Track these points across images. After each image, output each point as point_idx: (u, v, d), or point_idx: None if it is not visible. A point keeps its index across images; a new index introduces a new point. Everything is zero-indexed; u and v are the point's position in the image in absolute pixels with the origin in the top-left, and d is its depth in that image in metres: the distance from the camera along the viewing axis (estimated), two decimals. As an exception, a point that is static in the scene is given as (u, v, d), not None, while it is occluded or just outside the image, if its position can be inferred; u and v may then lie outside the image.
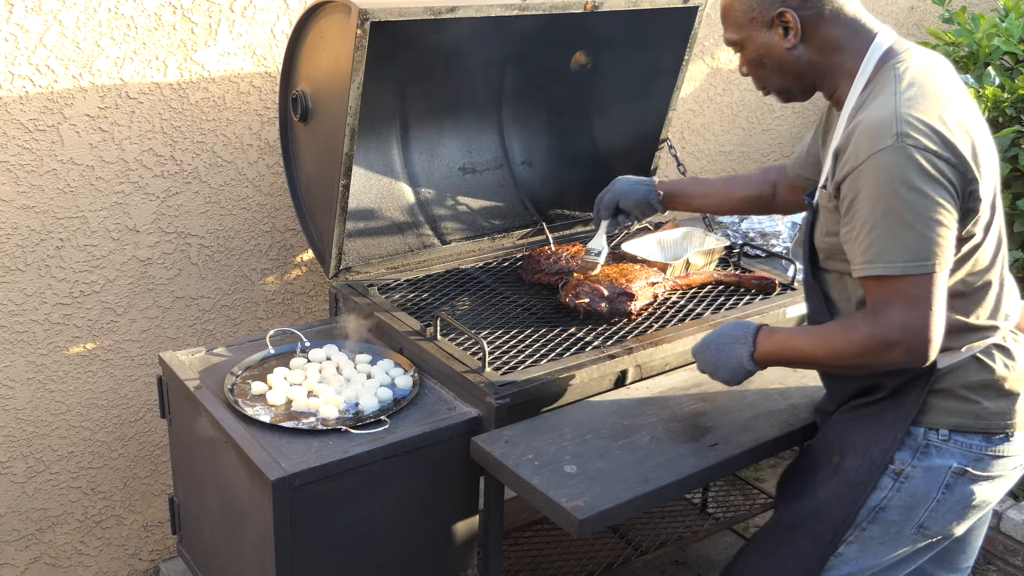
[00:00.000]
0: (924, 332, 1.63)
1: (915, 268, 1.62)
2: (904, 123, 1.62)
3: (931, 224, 1.61)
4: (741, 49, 1.86)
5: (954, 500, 1.81)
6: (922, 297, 1.62)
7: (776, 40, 1.80)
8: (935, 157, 1.61)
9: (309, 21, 2.29)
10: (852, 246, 1.69)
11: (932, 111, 1.65)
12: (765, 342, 1.87)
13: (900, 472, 1.80)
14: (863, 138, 1.65)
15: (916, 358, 1.66)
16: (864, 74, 1.76)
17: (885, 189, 1.61)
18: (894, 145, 1.61)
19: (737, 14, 1.82)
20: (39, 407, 2.51)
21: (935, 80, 1.72)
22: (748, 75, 1.90)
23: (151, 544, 2.84)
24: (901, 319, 1.64)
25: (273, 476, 1.76)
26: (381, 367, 2.18)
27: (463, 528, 2.08)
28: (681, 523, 2.81)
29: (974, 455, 1.79)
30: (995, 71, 3.42)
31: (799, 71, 1.82)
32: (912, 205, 1.60)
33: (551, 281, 2.55)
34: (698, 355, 2.00)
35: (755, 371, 1.90)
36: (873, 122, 1.65)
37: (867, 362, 1.71)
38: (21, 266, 2.37)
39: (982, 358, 1.78)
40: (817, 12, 1.76)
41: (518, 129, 3.04)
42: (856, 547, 1.86)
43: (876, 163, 1.62)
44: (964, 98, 1.75)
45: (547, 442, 1.92)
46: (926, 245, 1.61)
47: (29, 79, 2.25)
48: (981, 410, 1.78)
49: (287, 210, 2.73)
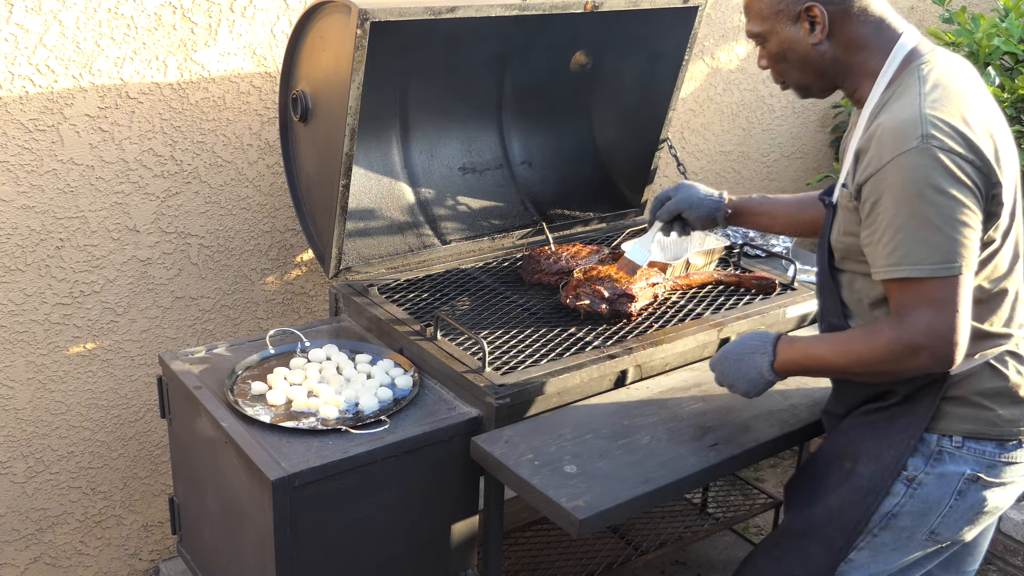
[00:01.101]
0: (950, 335, 1.61)
1: (942, 270, 1.60)
2: (929, 124, 1.60)
3: (957, 226, 1.59)
4: (764, 42, 1.83)
5: (966, 506, 1.80)
6: (948, 300, 1.60)
7: (802, 35, 1.77)
8: (960, 159, 1.59)
9: (309, 21, 2.30)
10: (874, 248, 1.66)
11: (956, 113, 1.63)
12: (785, 351, 1.85)
13: (913, 479, 1.79)
14: (886, 140, 1.63)
15: (942, 362, 1.64)
16: (887, 74, 1.74)
17: (910, 191, 1.60)
18: (919, 147, 1.59)
19: (763, 6, 1.79)
20: (39, 407, 2.52)
21: (958, 83, 1.70)
22: (768, 68, 1.87)
23: (151, 544, 2.84)
24: (927, 323, 1.61)
25: (273, 476, 1.76)
26: (381, 367, 2.18)
27: (463, 528, 2.08)
28: (681, 523, 2.81)
29: (987, 462, 1.78)
30: (995, 71, 3.42)
31: (822, 68, 1.80)
32: (938, 207, 1.59)
33: (551, 281, 2.55)
34: (716, 367, 1.97)
35: (775, 381, 1.88)
36: (897, 123, 1.63)
37: (892, 368, 1.69)
38: (21, 266, 2.37)
39: (996, 365, 1.77)
40: (844, 9, 1.74)
41: (518, 129, 3.04)
42: (867, 553, 1.85)
43: (900, 165, 1.60)
44: (987, 100, 1.73)
45: (547, 442, 1.92)
46: (953, 247, 1.59)
47: (29, 79, 2.25)
48: (995, 417, 1.77)
49: (287, 210, 2.73)
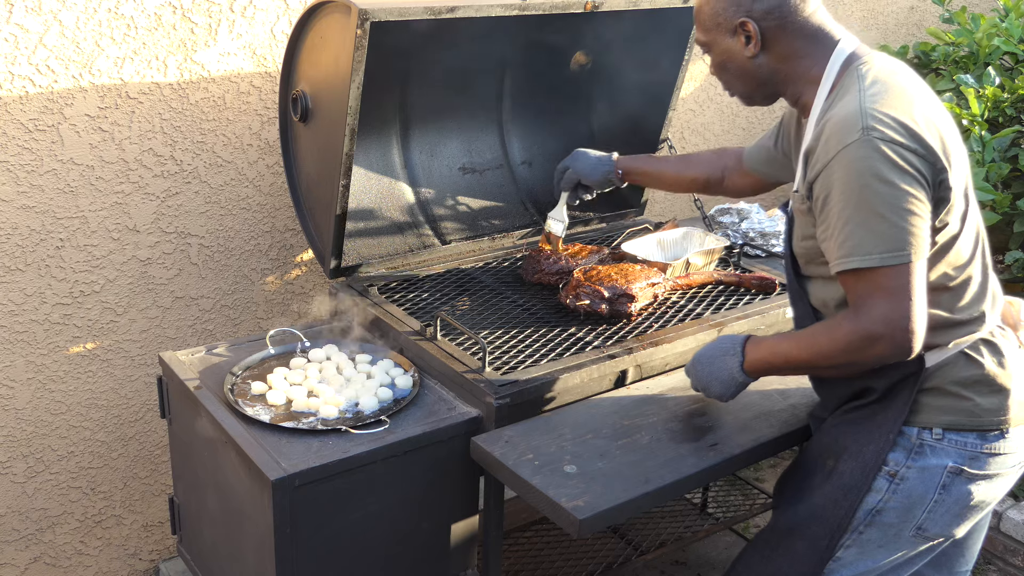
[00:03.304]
0: (906, 323, 1.64)
1: (892, 259, 1.62)
2: (869, 117, 1.64)
3: (904, 214, 1.62)
4: (709, 51, 1.88)
5: (952, 500, 1.81)
6: (901, 287, 1.63)
7: (738, 47, 1.82)
8: (902, 148, 1.62)
9: (309, 21, 2.30)
10: (829, 243, 1.70)
11: (896, 105, 1.67)
12: (753, 351, 1.89)
13: (895, 474, 1.80)
14: (831, 136, 1.67)
15: (900, 350, 1.66)
16: (829, 79, 1.78)
17: (855, 183, 1.63)
18: (861, 139, 1.62)
19: (705, 17, 1.85)
20: (39, 407, 2.52)
21: (898, 79, 1.74)
22: (715, 76, 1.93)
23: (151, 544, 2.84)
24: (882, 312, 1.64)
25: (273, 476, 1.76)
26: (381, 367, 2.18)
27: (463, 528, 2.08)
28: (681, 523, 2.81)
29: (969, 453, 1.79)
30: (995, 71, 3.42)
31: (761, 78, 1.85)
32: (884, 196, 1.62)
33: (551, 281, 2.55)
34: (690, 373, 2.02)
35: (747, 382, 1.92)
36: (840, 119, 1.67)
37: (853, 359, 1.71)
38: (21, 266, 2.37)
39: (970, 353, 1.78)
40: (779, 24, 1.78)
41: (518, 129, 3.05)
42: (855, 551, 1.86)
43: (845, 158, 1.64)
44: (928, 95, 1.77)
45: (547, 442, 1.92)
46: (901, 235, 1.62)
47: (29, 79, 2.25)
48: (974, 407, 1.78)
49: (287, 210, 2.73)
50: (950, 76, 3.51)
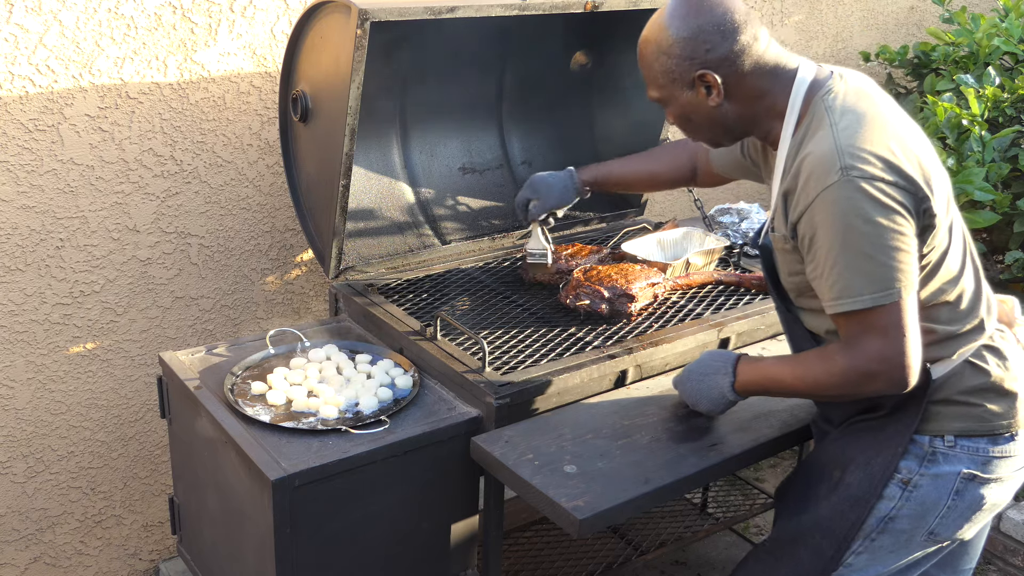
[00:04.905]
0: (901, 360, 1.64)
1: (883, 298, 1.62)
2: (847, 155, 1.61)
3: (890, 251, 1.61)
4: (666, 106, 1.84)
5: (964, 505, 1.81)
6: (894, 325, 1.63)
7: (700, 99, 1.77)
8: (883, 183, 1.60)
9: (309, 21, 2.30)
10: (819, 283, 1.69)
11: (871, 137, 1.64)
12: (746, 372, 1.89)
13: (908, 481, 1.79)
14: (810, 177, 1.65)
15: (896, 386, 1.67)
16: (794, 111, 1.75)
17: (840, 225, 1.61)
18: (841, 180, 1.60)
19: (657, 74, 1.79)
20: (39, 407, 2.52)
21: (866, 104, 1.71)
22: (677, 127, 1.89)
23: (151, 544, 2.84)
24: (878, 350, 1.64)
25: (273, 476, 1.76)
26: (381, 367, 2.18)
27: (463, 528, 2.08)
28: (681, 523, 2.81)
29: (981, 458, 1.79)
30: (995, 71, 3.42)
31: (728, 124, 1.81)
32: (869, 236, 1.60)
33: (551, 281, 2.55)
34: (679, 386, 2.02)
35: (737, 401, 1.92)
36: (816, 159, 1.64)
37: (848, 392, 1.72)
38: (21, 266, 2.37)
39: (975, 362, 1.78)
40: (736, 71, 1.74)
41: (518, 129, 3.05)
42: (866, 557, 1.85)
43: (826, 200, 1.62)
44: (899, 115, 1.75)
45: (547, 442, 1.92)
46: (889, 273, 1.62)
47: (29, 79, 2.25)
48: (984, 412, 1.78)
49: (287, 210, 2.73)
50: (950, 76, 3.51)
